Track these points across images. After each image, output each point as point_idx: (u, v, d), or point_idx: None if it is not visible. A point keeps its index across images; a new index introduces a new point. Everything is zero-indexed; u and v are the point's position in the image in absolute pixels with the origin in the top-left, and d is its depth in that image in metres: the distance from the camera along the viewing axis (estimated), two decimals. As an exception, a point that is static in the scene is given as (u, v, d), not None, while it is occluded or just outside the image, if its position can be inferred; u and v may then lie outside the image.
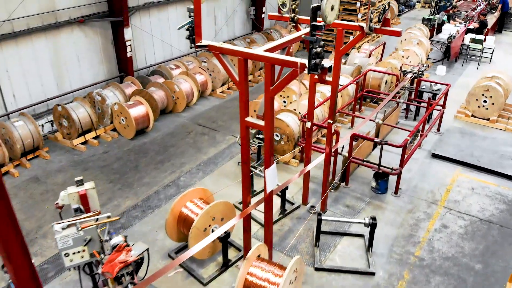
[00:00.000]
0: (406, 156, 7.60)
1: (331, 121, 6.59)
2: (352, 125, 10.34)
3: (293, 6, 6.12)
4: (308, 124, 6.82)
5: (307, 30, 5.97)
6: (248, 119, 4.98)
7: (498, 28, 19.30)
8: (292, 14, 6.23)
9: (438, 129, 10.07)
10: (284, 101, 10.55)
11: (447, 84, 9.83)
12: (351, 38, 6.30)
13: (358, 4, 14.75)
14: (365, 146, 8.69)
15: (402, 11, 22.24)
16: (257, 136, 8.00)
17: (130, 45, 10.97)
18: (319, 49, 3.97)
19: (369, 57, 12.54)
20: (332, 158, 7.89)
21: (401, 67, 10.45)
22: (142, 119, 9.69)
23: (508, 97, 10.92)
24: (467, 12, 17.12)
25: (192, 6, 4.83)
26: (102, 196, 7.85)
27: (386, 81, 11.27)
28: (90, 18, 10.54)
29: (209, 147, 9.52)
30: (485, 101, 10.32)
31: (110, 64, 11.22)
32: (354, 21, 14.80)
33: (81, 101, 9.64)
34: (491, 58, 15.01)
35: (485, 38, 15.06)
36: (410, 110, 10.79)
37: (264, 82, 4.74)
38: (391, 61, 11.88)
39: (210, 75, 12.16)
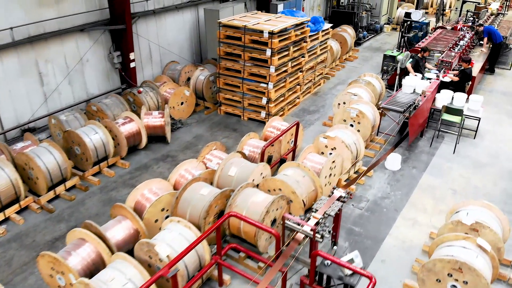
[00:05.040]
0: None
1: None
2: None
3: None
4: None
5: None
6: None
7: (489, 66, 14.06)
8: None
9: None
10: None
11: (369, 278, 4.56)
12: None
13: (268, 52, 9.46)
14: None
15: (364, 38, 16.96)
16: None
17: None
18: None
19: (262, 158, 7.25)
20: None
21: (283, 219, 5.18)
22: None
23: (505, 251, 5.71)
24: (442, 53, 11.71)
25: None
26: None
27: (274, 220, 6.01)
28: None
29: None
30: (454, 287, 5.10)
31: None
32: (265, 77, 9.63)
33: None
34: (476, 131, 9.77)
35: (468, 98, 9.85)
36: None
37: None
38: (287, 175, 6.57)
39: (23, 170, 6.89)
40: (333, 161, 7.37)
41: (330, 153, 7.87)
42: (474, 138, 9.72)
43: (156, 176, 8.26)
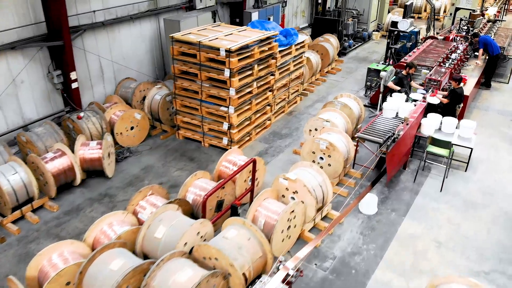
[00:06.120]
0: None
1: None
2: None
3: None
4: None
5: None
6: None
7: (485, 80, 12.78)
8: None
9: None
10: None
11: None
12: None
13: (227, 73, 8.16)
14: None
15: (350, 47, 15.66)
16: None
17: None
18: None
19: (203, 211, 5.93)
20: None
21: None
22: None
23: None
24: (431, 69, 10.38)
25: None
26: None
27: None
28: None
29: None
30: None
31: None
32: (225, 100, 8.40)
33: None
34: (468, 163, 8.48)
35: (458, 124, 8.57)
36: None
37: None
38: (227, 238, 5.24)
39: None
40: (292, 211, 6.09)
41: (292, 197, 6.59)
42: (466, 171, 8.44)
43: (87, 222, 6.97)
